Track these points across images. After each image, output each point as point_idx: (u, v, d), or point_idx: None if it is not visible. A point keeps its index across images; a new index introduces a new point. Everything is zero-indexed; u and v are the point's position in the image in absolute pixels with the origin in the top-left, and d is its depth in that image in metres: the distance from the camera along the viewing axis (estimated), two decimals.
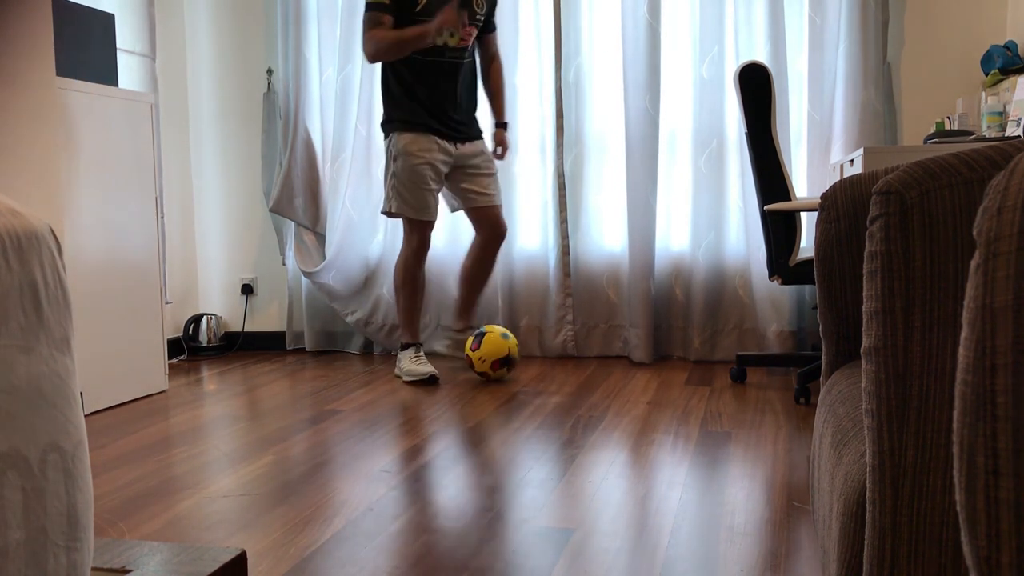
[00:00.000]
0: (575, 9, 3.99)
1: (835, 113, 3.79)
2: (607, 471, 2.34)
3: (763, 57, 3.79)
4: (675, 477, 2.28)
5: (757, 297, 3.86)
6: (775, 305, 3.83)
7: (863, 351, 0.86)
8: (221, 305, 4.51)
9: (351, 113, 4.18)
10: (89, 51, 3.21)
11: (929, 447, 0.81)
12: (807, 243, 3.68)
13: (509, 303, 4.12)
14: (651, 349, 3.92)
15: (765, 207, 3.02)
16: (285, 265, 4.40)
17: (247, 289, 4.48)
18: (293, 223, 4.32)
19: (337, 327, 4.39)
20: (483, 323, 4.15)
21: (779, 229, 3.11)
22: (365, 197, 4.19)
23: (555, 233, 4.04)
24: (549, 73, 4.02)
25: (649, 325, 3.90)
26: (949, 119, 3.58)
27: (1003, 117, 3.26)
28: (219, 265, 4.50)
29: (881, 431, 0.83)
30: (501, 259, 4.07)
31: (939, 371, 0.81)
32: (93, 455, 2.62)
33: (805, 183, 3.88)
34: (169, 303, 4.24)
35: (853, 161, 3.24)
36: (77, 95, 3.08)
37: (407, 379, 3.61)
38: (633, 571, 1.70)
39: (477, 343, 3.51)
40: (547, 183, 4.05)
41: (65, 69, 3.08)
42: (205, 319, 4.36)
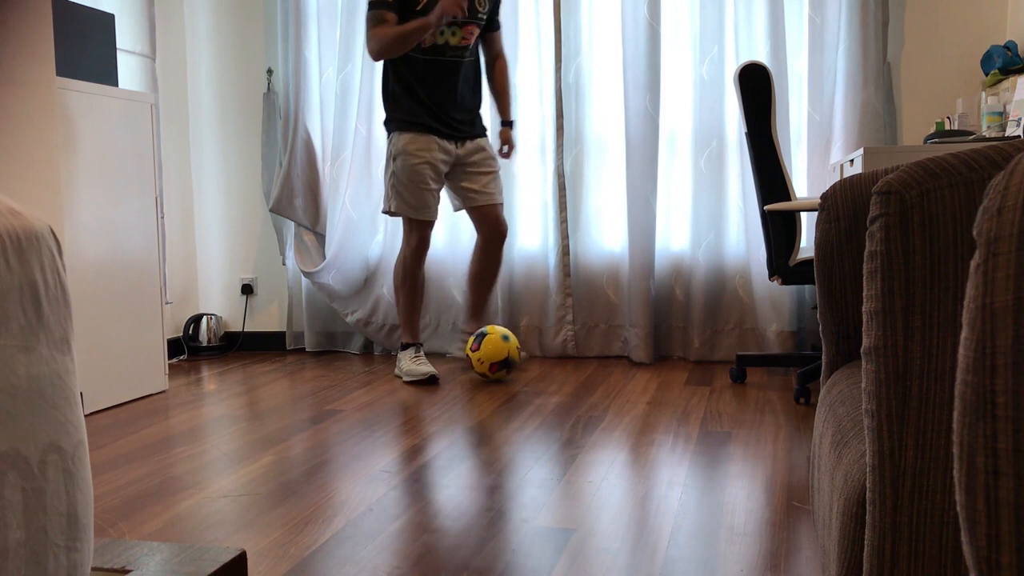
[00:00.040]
0: (575, 9, 3.99)
1: (835, 113, 3.79)
2: (607, 471, 2.34)
3: (763, 57, 3.79)
4: (675, 477, 2.28)
5: (757, 297, 3.85)
6: (775, 305, 3.83)
7: (863, 351, 0.86)
8: (221, 305, 4.51)
9: (351, 113, 4.18)
10: (89, 51, 3.21)
11: (929, 447, 0.81)
12: (807, 243, 3.68)
13: (509, 303, 4.12)
14: (651, 349, 3.92)
15: (765, 207, 3.02)
16: (285, 265, 4.40)
17: (247, 289, 4.48)
18: (293, 223, 4.32)
19: (337, 327, 4.39)
20: (484, 323, 4.15)
21: (779, 229, 3.11)
22: (365, 197, 4.19)
23: (555, 233, 4.04)
24: (549, 73, 4.02)
25: (649, 325, 3.90)
26: (949, 119, 3.58)
27: (1003, 117, 3.26)
28: (219, 265, 4.50)
29: (881, 431, 0.83)
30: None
31: (939, 371, 0.81)
32: (93, 455, 2.62)
33: (805, 183, 3.88)
34: (169, 303, 4.24)
35: (853, 161, 3.24)
36: (77, 95, 3.08)
37: (407, 379, 3.61)
38: (633, 571, 1.70)
39: (477, 344, 3.51)
40: (547, 183, 4.05)
41: (65, 69, 3.08)
42: (205, 319, 4.37)
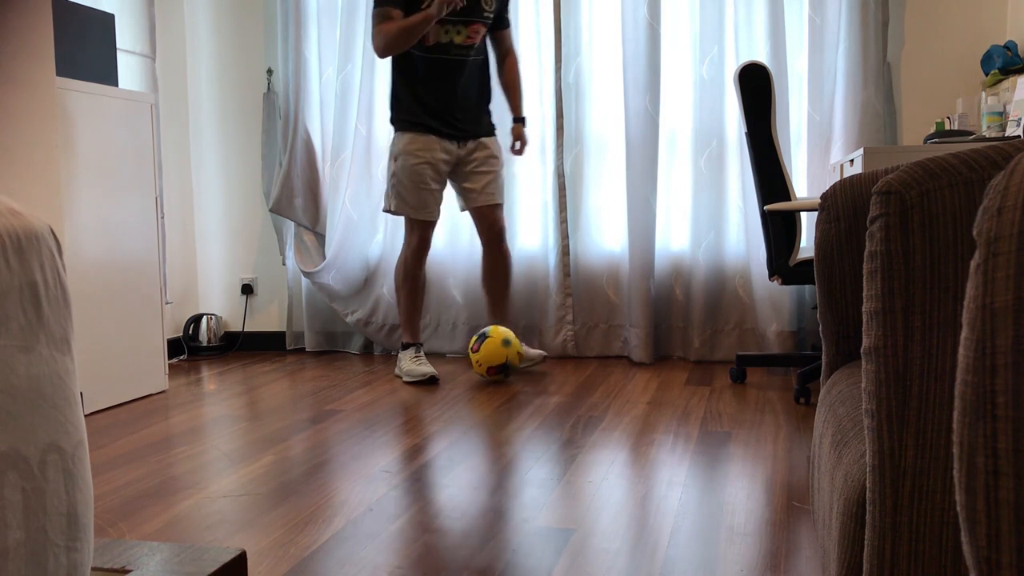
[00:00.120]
0: (575, 9, 3.99)
1: (835, 113, 3.79)
2: (607, 471, 2.34)
3: (763, 57, 3.79)
4: (675, 477, 2.27)
5: (757, 297, 3.85)
6: (775, 305, 3.83)
7: (863, 351, 0.86)
8: (221, 305, 4.51)
9: (351, 113, 4.18)
10: (89, 51, 3.21)
11: (929, 447, 0.81)
12: (807, 243, 3.68)
13: (509, 303, 4.11)
14: (651, 349, 3.92)
15: (765, 207, 3.02)
16: (285, 265, 4.40)
17: (247, 289, 4.48)
18: (293, 223, 4.32)
19: (337, 327, 4.39)
20: (487, 323, 4.15)
21: (779, 229, 3.11)
22: (365, 197, 4.19)
23: (555, 233, 4.04)
24: (549, 73, 4.02)
25: (649, 325, 3.90)
26: (949, 119, 3.58)
27: (1003, 117, 3.26)
28: (219, 265, 4.50)
29: (881, 431, 0.83)
30: None
31: (939, 371, 0.81)
32: (93, 455, 2.62)
33: (805, 183, 3.88)
34: (169, 303, 4.24)
35: (853, 161, 3.24)
36: (77, 95, 3.08)
37: (407, 379, 3.61)
38: (633, 571, 1.70)
39: (478, 345, 3.49)
40: (547, 183, 4.05)
41: (65, 69, 3.08)
42: (205, 319, 4.36)
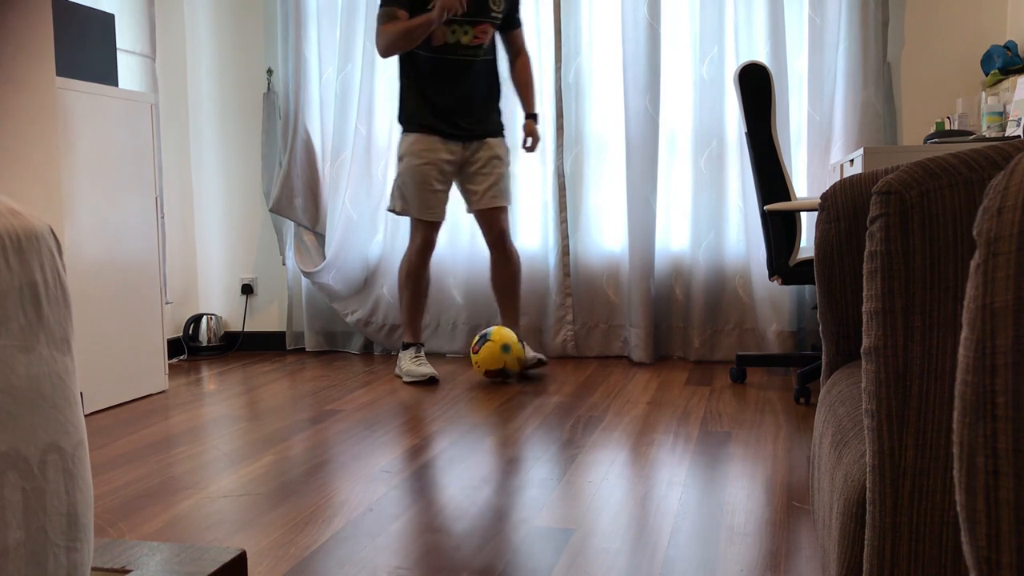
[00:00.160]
0: (575, 9, 3.99)
1: (835, 113, 3.79)
2: (607, 471, 2.34)
3: (763, 57, 3.79)
4: (675, 477, 2.27)
5: (757, 297, 3.85)
6: (775, 305, 3.83)
7: (863, 351, 0.86)
8: (221, 305, 4.51)
9: (351, 113, 4.18)
10: (89, 51, 3.21)
11: (929, 447, 0.81)
12: (807, 243, 3.68)
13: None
14: (651, 349, 3.92)
15: (765, 207, 3.02)
16: (285, 265, 4.40)
17: (247, 289, 4.48)
18: (293, 223, 4.32)
19: (337, 327, 4.39)
20: (488, 324, 4.15)
21: (779, 229, 3.11)
22: (365, 197, 4.19)
23: (555, 233, 4.04)
24: (549, 73, 4.02)
25: (649, 325, 3.90)
26: (949, 119, 3.58)
27: (1003, 117, 3.26)
28: (219, 265, 4.50)
29: (881, 431, 0.83)
30: None
31: (939, 371, 0.81)
32: (93, 455, 2.62)
33: (805, 183, 3.88)
34: (169, 303, 4.24)
35: (853, 161, 3.24)
36: (77, 95, 3.08)
37: (407, 379, 3.61)
38: (633, 571, 1.70)
39: (478, 347, 3.48)
40: (547, 183, 4.05)
41: (65, 69, 3.08)
42: (205, 319, 4.37)
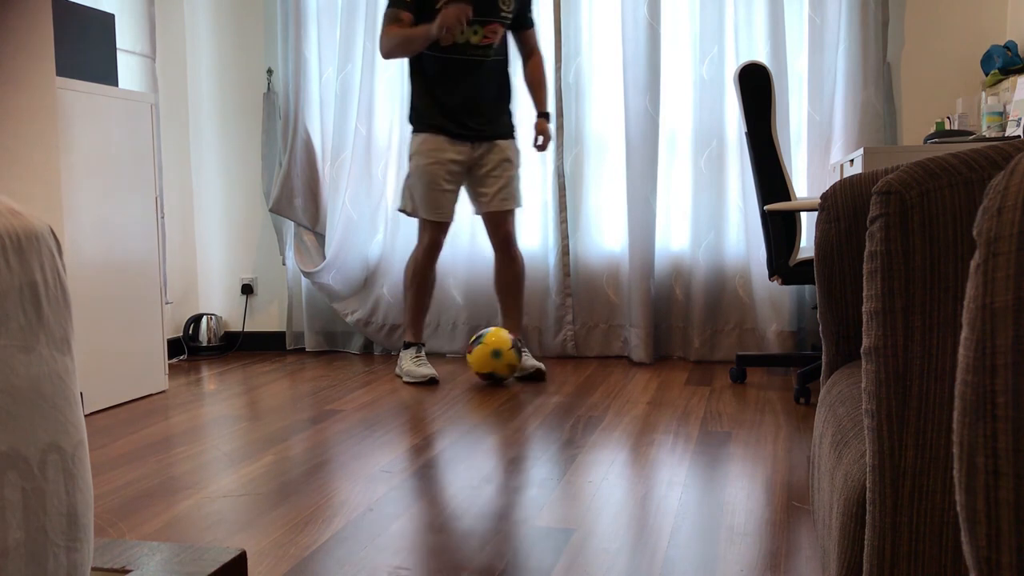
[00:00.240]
0: (575, 9, 3.99)
1: (835, 113, 3.79)
2: (607, 471, 2.34)
3: (763, 57, 3.79)
4: (675, 477, 2.27)
5: (757, 297, 3.85)
6: (775, 305, 3.83)
7: (863, 351, 0.86)
8: (221, 305, 4.51)
9: (351, 113, 4.18)
10: (89, 51, 3.21)
11: (929, 447, 0.81)
12: (807, 243, 3.68)
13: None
14: (651, 349, 3.92)
15: (765, 207, 3.02)
16: (285, 265, 4.40)
17: (247, 289, 4.48)
18: (293, 223, 4.32)
19: (337, 327, 4.39)
20: (488, 324, 4.15)
21: (779, 229, 3.11)
22: (365, 197, 4.19)
23: (555, 233, 4.04)
24: (549, 73, 4.02)
25: (649, 325, 3.90)
26: (949, 119, 3.58)
27: (1003, 117, 3.26)
28: (219, 265, 4.50)
29: (881, 431, 0.83)
30: None
31: (939, 371, 0.81)
32: (93, 455, 2.62)
33: (805, 183, 3.88)
34: (169, 303, 4.24)
35: (853, 161, 3.24)
36: (77, 95, 3.08)
37: (407, 379, 3.60)
38: (633, 571, 1.70)
39: (472, 348, 3.46)
40: (547, 183, 4.05)
41: (65, 69, 3.08)
42: (205, 319, 4.36)
